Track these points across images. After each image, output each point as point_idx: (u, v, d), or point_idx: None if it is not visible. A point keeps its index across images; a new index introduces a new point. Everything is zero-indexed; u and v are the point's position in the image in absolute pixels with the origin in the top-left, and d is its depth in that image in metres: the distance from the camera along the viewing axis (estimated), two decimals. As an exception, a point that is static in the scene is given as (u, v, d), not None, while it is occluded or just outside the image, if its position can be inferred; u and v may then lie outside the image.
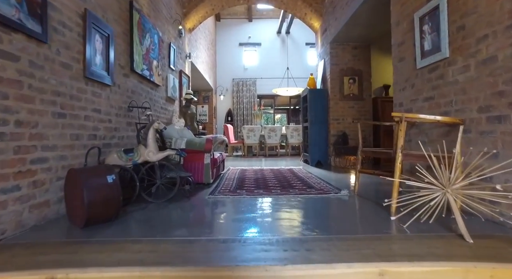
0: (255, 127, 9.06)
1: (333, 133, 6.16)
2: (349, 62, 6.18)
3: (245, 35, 12.21)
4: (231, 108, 11.99)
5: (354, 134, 6.15)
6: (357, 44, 6.18)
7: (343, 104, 6.17)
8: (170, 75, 5.49)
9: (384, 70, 6.63)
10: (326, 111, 6.33)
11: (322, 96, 6.34)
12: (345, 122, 6.16)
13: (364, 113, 6.18)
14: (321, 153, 6.32)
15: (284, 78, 10.95)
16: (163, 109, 5.18)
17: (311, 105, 6.33)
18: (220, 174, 4.96)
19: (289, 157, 8.88)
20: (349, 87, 6.17)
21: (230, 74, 12.07)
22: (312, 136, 6.32)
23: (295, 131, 9.03)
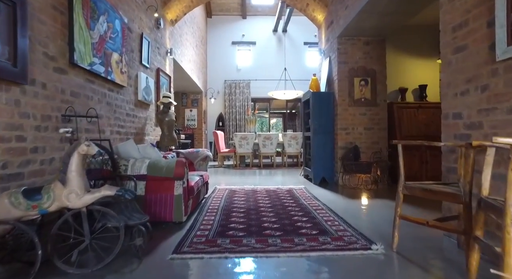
0: (248, 135, 7.93)
1: (341, 145, 5.06)
2: (360, 60, 5.10)
3: (238, 33, 11.11)
4: (223, 113, 10.85)
5: (366, 147, 5.06)
6: (370, 39, 5.10)
7: (353, 111, 5.08)
8: (141, 74, 4.35)
9: (400, 71, 5.56)
10: (332, 119, 5.23)
11: (327, 101, 5.24)
12: (355, 133, 5.07)
13: (378, 121, 5.10)
14: (326, 169, 5.21)
15: (281, 80, 9.85)
16: (131, 116, 4.03)
17: (315, 111, 5.23)
18: (201, 200, 3.82)
19: (287, 169, 7.77)
20: (360, 91, 5.09)
21: (222, 75, 10.94)
22: (315, 149, 5.21)
23: (293, 139, 7.93)
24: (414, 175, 5.10)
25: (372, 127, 5.09)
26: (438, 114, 5.65)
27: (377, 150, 5.06)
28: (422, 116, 5.23)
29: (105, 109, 3.28)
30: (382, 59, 5.13)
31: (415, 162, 5.12)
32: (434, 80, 5.59)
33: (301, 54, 11.17)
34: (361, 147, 5.04)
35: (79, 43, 2.69)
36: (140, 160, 2.74)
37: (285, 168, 7.85)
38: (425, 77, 5.58)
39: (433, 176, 5.09)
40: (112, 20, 3.35)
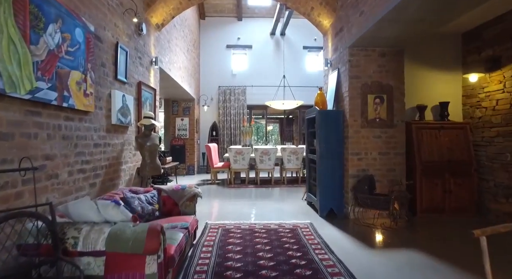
0: (244, 149, 7.15)
1: (352, 173, 4.31)
2: (375, 74, 4.35)
3: (233, 36, 10.30)
4: (216, 121, 10.04)
5: (381, 175, 4.32)
6: (387, 50, 4.35)
7: (366, 133, 4.33)
8: (116, 92, 3.54)
9: (418, 86, 4.82)
10: (341, 142, 4.48)
11: (336, 121, 4.48)
12: (369, 158, 4.33)
13: (394, 145, 4.36)
14: (334, 199, 4.46)
15: (280, 86, 9.07)
16: (101, 146, 3.23)
17: (321, 132, 4.47)
18: (187, 252, 3.02)
19: (286, 187, 7.00)
20: (375, 110, 4.34)
21: (215, 81, 10.13)
22: (322, 176, 4.45)
23: (293, 154, 7.17)
24: (436, 206, 4.39)
25: (388, 152, 4.35)
26: (462, 136, 4.63)
27: (393, 177, 4.32)
28: (445, 138, 4.51)
29: (59, 146, 2.47)
30: (400, 73, 4.38)
31: (437, 191, 4.41)
32: (456, 96, 4.87)
33: (300, 59, 10.41)
34: (375, 174, 4.30)
35: (7, 64, 1.88)
36: (97, 229, 1.94)
37: (285, 186, 7.09)
38: (447, 93, 4.85)
39: (457, 208, 4.39)
40: (69, 29, 2.54)
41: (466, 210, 4.43)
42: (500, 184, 4.24)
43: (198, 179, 8.35)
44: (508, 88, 4.12)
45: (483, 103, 4.50)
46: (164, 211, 3.24)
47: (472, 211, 4.44)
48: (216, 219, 4.35)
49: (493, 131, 4.34)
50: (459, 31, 4.79)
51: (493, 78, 4.34)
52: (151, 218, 3.02)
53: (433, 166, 4.40)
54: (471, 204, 4.45)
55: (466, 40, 4.79)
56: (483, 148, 4.50)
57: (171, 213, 3.26)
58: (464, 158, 4.47)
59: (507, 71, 4.14)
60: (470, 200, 4.45)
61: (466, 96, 4.81)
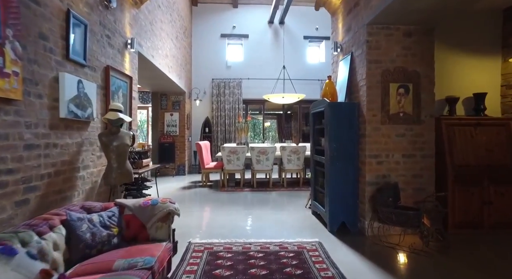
0: (238, 148, 6.28)
1: (369, 179, 3.46)
2: (399, 58, 3.49)
3: (228, 24, 9.36)
4: (210, 117, 9.15)
5: (405, 182, 3.47)
6: (413, 28, 3.48)
7: (387, 131, 3.48)
8: (67, 77, 2.64)
9: (449, 74, 3.96)
10: (356, 142, 3.62)
11: (350, 116, 3.62)
12: (391, 162, 3.47)
13: (421, 145, 3.51)
14: (347, 211, 3.61)
15: (278, 79, 8.19)
16: (40, 148, 2.34)
17: (332, 130, 3.61)
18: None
19: (286, 190, 6.15)
20: (398, 102, 3.48)
21: (209, 73, 9.21)
22: (332, 183, 3.60)
23: (294, 154, 6.31)
24: (472, 220, 3.56)
25: (414, 153, 3.50)
26: (504, 135, 3.57)
27: (420, 185, 3.48)
28: (482, 137, 3.66)
29: None
30: (429, 57, 3.51)
31: (473, 202, 3.56)
32: (493, 87, 4.02)
33: (301, 49, 9.51)
34: (398, 181, 3.45)
35: None
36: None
37: (284, 189, 6.23)
38: (482, 82, 4.00)
39: (499, 223, 3.55)
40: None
41: (510, 224, 3.60)
42: (551, 193, 3.41)
43: (188, 180, 7.47)
44: None
45: (529, 94, 3.66)
46: (126, 236, 2.37)
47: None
48: (203, 235, 3.49)
49: (542, 129, 3.51)
50: (499, 6, 3.92)
51: (544, 63, 3.49)
52: (105, 247, 2.15)
53: (469, 172, 3.56)
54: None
55: (510, 16, 3.93)
56: (527, 148, 3.66)
57: (137, 238, 2.39)
58: (507, 161, 3.63)
59: None
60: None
61: (506, 86, 3.96)
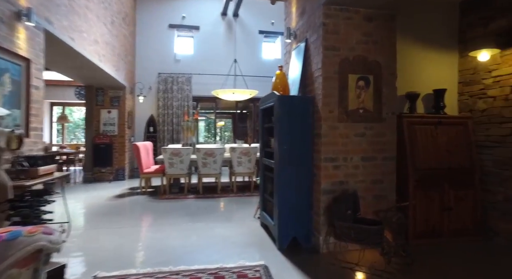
0: (182, 150, 5.46)
1: (325, 187, 2.89)
2: (359, 46, 2.97)
3: (177, 14, 8.45)
4: (155, 115, 8.16)
5: (365, 189, 2.96)
6: (375, 13, 2.99)
7: (345, 130, 2.93)
8: None
9: (409, 67, 3.55)
10: (310, 143, 3.04)
11: (303, 113, 3.03)
12: (349, 166, 2.94)
13: (382, 146, 3.02)
14: (299, 224, 3.01)
15: (229, 75, 7.49)
16: None
17: (282, 128, 2.99)
18: None
19: (235, 197, 5.46)
20: (358, 96, 2.96)
21: (155, 67, 8.23)
22: (282, 191, 2.98)
23: (245, 155, 5.65)
24: (432, 229, 3.15)
25: (375, 156, 3.00)
26: (463, 135, 2.95)
27: (381, 192, 2.99)
28: (443, 137, 3.28)
29: None
30: (391, 46, 3.05)
31: (434, 208, 3.17)
32: (451, 83, 3.70)
33: (256, 45, 8.90)
34: (358, 188, 2.93)
35: None
36: None
37: (234, 195, 5.54)
38: (442, 78, 3.66)
39: (458, 229, 3.20)
40: None
41: (468, 231, 3.27)
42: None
43: (128, 186, 6.45)
44: (528, 70, 3.00)
45: (490, 91, 3.36)
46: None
47: (475, 232, 3.29)
48: (118, 264, 2.66)
49: (504, 129, 3.21)
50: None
51: (507, 57, 3.19)
52: None
53: (430, 176, 3.16)
54: (475, 223, 3.30)
55: (466, 9, 3.63)
56: (488, 150, 3.37)
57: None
58: (466, 163, 3.30)
59: (526, 48, 3.01)
60: (473, 218, 3.29)
61: (463, 83, 3.66)
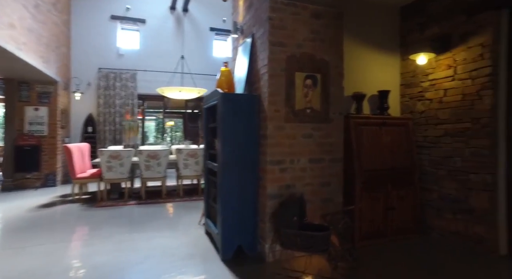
0: (122, 152, 4.94)
1: (271, 191, 2.70)
2: (306, 43, 2.84)
3: (121, 4, 7.78)
4: (95, 114, 7.40)
5: (312, 192, 2.83)
6: (323, 10, 2.89)
7: (292, 130, 2.78)
8: None
9: (356, 68, 3.54)
10: (256, 144, 2.83)
11: (248, 112, 2.82)
12: (296, 169, 2.79)
13: (329, 148, 2.93)
14: (244, 232, 2.79)
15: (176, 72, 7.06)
16: None
17: (226, 129, 2.75)
18: None
19: (182, 201, 5.08)
20: (305, 95, 2.83)
21: (94, 61, 7.46)
22: (226, 196, 2.73)
23: (192, 157, 5.30)
24: (377, 229, 3.15)
25: (322, 157, 2.89)
26: (404, 135, 2.98)
27: (328, 195, 2.90)
28: (387, 138, 3.31)
29: None
30: (338, 45, 2.97)
31: (378, 209, 3.17)
32: (394, 85, 3.78)
33: (207, 42, 8.55)
34: (305, 191, 2.80)
35: None
36: None
37: (180, 200, 5.16)
38: (386, 80, 3.72)
39: (400, 228, 3.24)
40: None
41: (410, 229, 3.34)
42: (447, 195, 3.25)
43: (59, 193, 5.69)
44: (460, 74, 3.13)
45: (427, 94, 3.47)
46: None
47: (415, 229, 3.38)
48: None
49: (439, 130, 3.33)
50: (398, 3, 3.69)
51: (441, 62, 3.32)
52: None
53: (375, 176, 3.15)
54: (414, 221, 3.38)
55: (406, 15, 3.73)
56: (426, 150, 3.48)
57: None
58: (407, 163, 3.36)
59: (459, 53, 3.14)
60: (413, 216, 3.37)
61: (405, 86, 3.76)
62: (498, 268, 2.66)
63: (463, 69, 3.09)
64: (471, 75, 3.01)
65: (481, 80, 2.92)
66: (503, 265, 2.70)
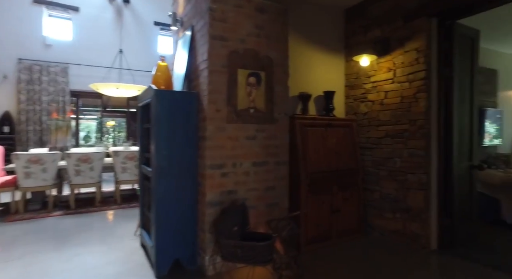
0: (44, 156, 4.30)
1: (212, 198, 2.47)
2: (250, 39, 2.67)
3: (48, -12, 6.90)
4: (14, 111, 6.43)
5: (257, 197, 2.67)
6: (266, 4, 2.74)
7: (235, 132, 2.58)
8: None
9: (303, 68, 3.47)
10: (195, 147, 2.58)
11: (186, 111, 2.56)
12: (239, 173, 2.60)
13: (275, 150, 2.79)
14: (182, 244, 2.53)
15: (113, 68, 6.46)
16: None
17: (161, 130, 2.46)
18: None
19: (120, 209, 4.60)
20: (248, 94, 2.65)
21: (13, 50, 6.49)
22: (161, 205, 2.44)
23: (131, 160, 4.84)
24: (323, 233, 3.10)
25: (267, 160, 2.74)
26: (349, 137, 2.94)
27: (273, 200, 2.76)
28: (332, 139, 3.28)
29: None
30: (283, 42, 2.85)
31: (324, 211, 3.12)
32: (340, 86, 3.80)
33: (150, 37, 7.99)
34: (249, 197, 2.62)
35: None
36: None
37: (118, 207, 4.66)
38: (332, 80, 3.71)
39: (345, 230, 3.24)
40: None
41: (354, 230, 3.36)
42: (387, 195, 3.34)
43: (-36, 204, 4.79)
44: (399, 77, 3.22)
45: (370, 95, 3.54)
46: None
47: (358, 230, 3.41)
48: None
49: (380, 131, 3.41)
50: (342, 5, 3.72)
51: (382, 65, 3.40)
52: None
53: (321, 178, 3.10)
54: (358, 221, 3.41)
55: (350, 17, 3.77)
56: (368, 151, 3.54)
57: None
58: (352, 164, 3.38)
59: (397, 56, 3.23)
60: (356, 217, 3.40)
61: (349, 87, 3.80)
62: (428, 262, 2.82)
63: (401, 73, 3.19)
64: (408, 79, 3.11)
65: (417, 83, 3.03)
66: (433, 259, 2.87)
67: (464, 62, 3.15)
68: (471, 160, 3.24)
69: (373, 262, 2.77)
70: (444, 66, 3.02)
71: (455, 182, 3.00)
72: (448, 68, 3.02)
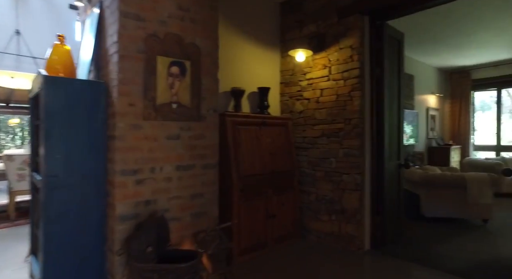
0: None
1: (123, 212, 2.03)
2: (172, 21, 2.28)
3: None
4: None
5: (181, 207, 2.29)
6: (191, -18, 2.39)
7: (153, 130, 2.17)
8: None
9: (236, 61, 3.19)
10: (100, 149, 2.10)
11: (91, 105, 2.07)
12: (159, 178, 2.19)
13: (202, 151, 2.44)
14: (85, 268, 2.03)
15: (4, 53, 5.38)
16: None
17: (53, 126, 1.93)
18: None
19: (13, 226, 3.75)
20: (171, 86, 2.26)
21: None
22: (53, 223, 1.91)
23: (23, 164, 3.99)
24: (257, 241, 2.87)
25: (193, 163, 2.38)
26: (284, 136, 2.69)
27: (201, 209, 2.41)
28: (267, 139, 3.07)
29: None
30: (213, 30, 2.52)
31: (258, 217, 2.89)
32: (275, 83, 3.62)
33: (65, 22, 6.89)
34: (171, 207, 2.23)
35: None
36: None
37: (11, 224, 3.80)
38: (267, 76, 3.51)
39: (281, 236, 3.06)
40: None
41: (290, 234, 3.20)
42: (323, 197, 3.26)
43: None
44: (334, 74, 3.16)
45: (305, 93, 3.43)
46: None
47: (295, 234, 3.27)
48: None
49: (316, 130, 3.31)
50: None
51: (317, 61, 3.31)
52: None
53: (255, 182, 2.86)
54: (294, 225, 3.27)
55: (286, 11, 3.63)
56: (304, 151, 3.43)
57: None
58: (288, 166, 3.22)
59: (332, 53, 3.17)
60: (293, 221, 3.25)
61: (284, 84, 3.65)
62: (361, 262, 2.81)
63: (336, 70, 3.13)
64: (343, 76, 3.06)
65: (352, 81, 2.99)
66: (366, 259, 2.87)
67: (392, 63, 3.23)
68: (399, 159, 3.34)
69: (310, 269, 2.63)
70: (376, 66, 3.04)
71: (386, 181, 3.04)
72: (379, 68, 3.04)
